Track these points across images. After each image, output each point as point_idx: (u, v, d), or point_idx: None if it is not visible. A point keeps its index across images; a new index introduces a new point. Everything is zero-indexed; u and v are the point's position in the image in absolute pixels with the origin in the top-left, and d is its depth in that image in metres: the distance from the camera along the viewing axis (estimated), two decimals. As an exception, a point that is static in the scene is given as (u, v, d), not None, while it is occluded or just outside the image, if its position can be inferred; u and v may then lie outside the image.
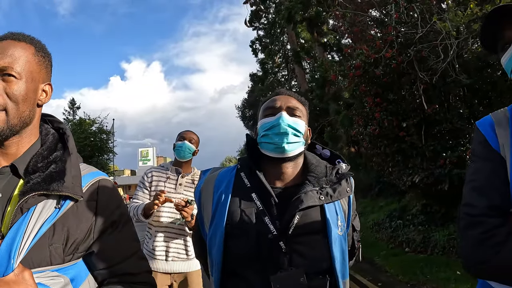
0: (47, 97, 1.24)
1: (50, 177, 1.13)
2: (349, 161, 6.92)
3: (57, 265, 1.10)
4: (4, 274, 0.99)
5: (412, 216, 9.34)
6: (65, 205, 1.14)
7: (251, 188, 1.54)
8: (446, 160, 7.59)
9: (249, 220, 1.48)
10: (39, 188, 1.10)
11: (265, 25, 25.69)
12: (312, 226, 1.49)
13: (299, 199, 1.47)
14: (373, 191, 14.22)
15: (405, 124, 8.13)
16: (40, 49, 1.22)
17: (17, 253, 1.02)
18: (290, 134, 1.53)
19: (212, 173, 1.70)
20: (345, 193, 1.57)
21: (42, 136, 1.26)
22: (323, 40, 18.96)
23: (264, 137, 1.58)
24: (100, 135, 32.02)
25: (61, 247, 1.12)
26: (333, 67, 13.01)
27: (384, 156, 8.91)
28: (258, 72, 26.30)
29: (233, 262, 1.50)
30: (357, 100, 9.59)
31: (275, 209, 1.49)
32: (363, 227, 11.05)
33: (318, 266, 1.46)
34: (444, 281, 5.89)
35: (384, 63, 8.14)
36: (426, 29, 7.26)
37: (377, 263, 7.86)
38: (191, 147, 3.30)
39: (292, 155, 1.56)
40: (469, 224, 1.18)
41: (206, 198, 1.62)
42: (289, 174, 1.59)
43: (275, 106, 1.61)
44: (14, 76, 1.11)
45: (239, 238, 1.48)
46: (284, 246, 1.43)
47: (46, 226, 1.08)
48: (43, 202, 1.10)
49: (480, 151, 1.25)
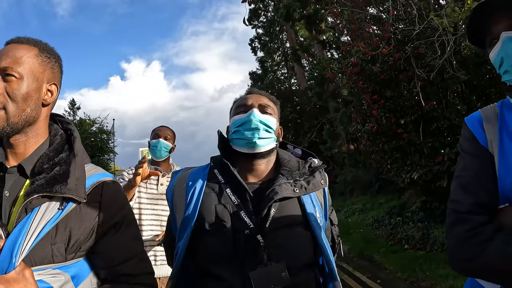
0: (52, 96, 1.27)
1: (54, 179, 1.16)
2: (348, 159, 6.98)
3: (59, 263, 1.13)
4: (6, 271, 1.01)
5: (412, 213, 9.33)
6: (68, 207, 1.16)
7: (225, 184, 1.54)
8: (444, 157, 7.57)
9: (225, 216, 1.46)
10: (43, 190, 1.13)
11: (264, 23, 25.73)
12: (291, 219, 1.49)
13: (274, 191, 1.47)
14: (372, 188, 14.19)
15: (403, 121, 8.12)
16: (44, 51, 1.26)
17: (19, 251, 1.05)
18: (261, 129, 1.55)
19: (184, 172, 1.69)
20: (320, 185, 1.58)
21: (51, 137, 1.30)
22: (322, 38, 18.98)
23: (235, 133, 1.59)
24: (101, 135, 31.97)
25: (63, 246, 1.14)
26: (331, 64, 12.98)
27: (383, 153, 8.91)
28: (258, 70, 26.35)
29: (207, 263, 1.47)
30: (355, 97, 9.58)
31: (250, 204, 1.48)
32: (362, 224, 11.06)
33: (301, 259, 1.46)
34: (442, 278, 5.87)
35: (381, 60, 8.11)
36: (423, 25, 7.23)
37: (376, 260, 7.84)
38: (167, 145, 3.13)
39: (263, 151, 1.57)
40: (455, 221, 1.17)
41: (179, 197, 1.59)
42: (262, 170, 1.60)
43: (247, 104, 1.62)
44: (14, 76, 1.15)
45: (214, 236, 1.45)
46: (262, 240, 1.41)
47: (49, 226, 1.11)
48: (46, 203, 1.13)
49: (468, 147, 1.24)
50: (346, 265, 7.79)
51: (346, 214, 13.27)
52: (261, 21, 25.84)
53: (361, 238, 9.77)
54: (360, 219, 11.98)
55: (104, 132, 32.41)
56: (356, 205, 13.65)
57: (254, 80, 25.73)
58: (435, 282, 5.88)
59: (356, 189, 15.52)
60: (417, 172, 7.90)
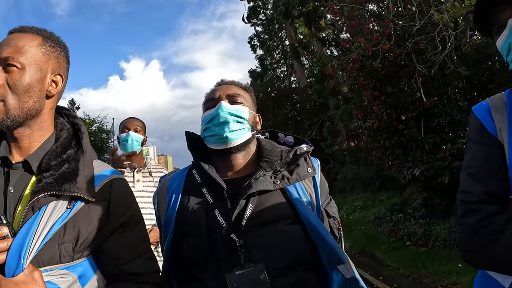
0: (57, 87, 1.22)
1: (62, 177, 1.12)
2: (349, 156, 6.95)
3: (66, 263, 1.11)
4: (14, 273, 0.99)
5: (413, 209, 9.30)
6: (77, 206, 1.13)
7: (201, 183, 1.46)
8: (445, 153, 7.57)
9: (199, 216, 1.39)
10: (51, 188, 1.09)
11: (263, 21, 25.73)
12: (274, 214, 1.38)
13: (249, 185, 1.38)
14: (373, 185, 14.15)
15: (404, 117, 8.09)
16: (48, 39, 1.21)
17: (28, 252, 1.01)
18: (231, 122, 1.45)
19: (168, 176, 1.63)
20: (306, 174, 1.46)
21: (57, 131, 1.25)
22: (321, 35, 18.96)
23: (206, 130, 1.51)
24: (100, 134, 32.04)
25: (71, 246, 1.12)
26: (332, 61, 12.96)
27: (384, 150, 8.89)
28: (257, 68, 26.33)
29: (188, 265, 1.41)
30: (355, 94, 9.56)
31: (228, 202, 1.39)
32: (364, 221, 11.04)
33: (286, 259, 1.34)
34: (445, 274, 5.85)
35: (382, 56, 8.10)
36: (424, 21, 7.21)
37: (378, 257, 7.83)
38: (138, 137, 2.93)
39: (238, 144, 1.48)
40: (465, 211, 1.14)
41: (162, 202, 1.55)
42: (240, 164, 1.52)
43: (214, 97, 1.53)
44: (15, 66, 1.10)
45: (192, 238, 1.39)
46: (238, 240, 1.32)
47: (57, 226, 1.08)
48: (54, 201, 1.09)
49: (476, 136, 1.20)
50: (348, 262, 7.75)
51: (347, 211, 13.24)
52: (260, 19, 25.82)
53: (363, 235, 9.74)
54: (361, 216, 11.95)
55: (104, 132, 32.47)
56: (357, 202, 13.61)
57: (253, 78, 25.68)
58: (437, 279, 5.86)
59: (356, 186, 15.48)
60: (418, 168, 7.88)
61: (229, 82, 1.63)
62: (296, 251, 1.36)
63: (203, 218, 1.38)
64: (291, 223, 1.38)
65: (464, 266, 5.94)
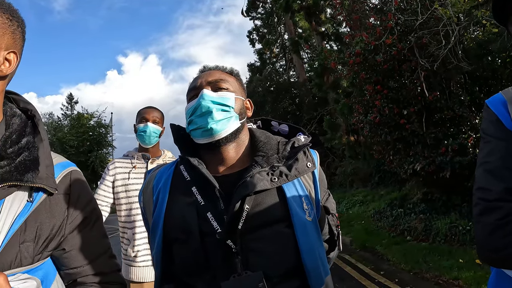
0: (10, 66, 1.04)
1: (23, 165, 0.99)
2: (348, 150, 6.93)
3: (27, 266, 0.99)
4: None
5: (413, 204, 9.30)
6: (38, 198, 1.02)
7: (191, 182, 1.30)
8: (447, 148, 7.56)
9: (190, 220, 1.23)
10: (12, 178, 0.96)
11: (262, 14, 25.62)
12: (270, 215, 1.23)
13: (244, 184, 1.22)
14: (373, 180, 14.18)
15: (406, 112, 8.06)
16: (6, 11, 1.03)
17: None
18: (214, 111, 1.29)
19: (153, 172, 1.46)
20: (305, 169, 1.32)
21: (7, 117, 1.08)
22: (321, 29, 18.88)
23: (190, 124, 1.35)
24: (99, 129, 32.03)
25: (32, 245, 1.00)
26: (332, 55, 12.91)
27: (385, 144, 8.87)
28: (256, 62, 26.25)
29: (179, 271, 1.28)
30: (356, 88, 9.51)
31: (221, 203, 1.23)
32: (364, 216, 11.05)
33: (284, 265, 1.22)
34: (447, 269, 5.85)
35: (384, 50, 8.06)
36: (427, 15, 7.17)
37: (379, 252, 7.82)
38: (156, 129, 2.83)
39: (226, 135, 1.31)
40: (484, 209, 1.10)
41: (147, 201, 1.39)
42: (232, 158, 1.35)
43: (196, 85, 1.38)
44: None
45: (183, 243, 1.24)
46: (234, 246, 1.18)
47: (19, 222, 0.96)
48: (13, 194, 0.97)
49: (493, 130, 1.16)
50: (348, 256, 7.77)
51: (347, 206, 13.27)
52: (259, 13, 25.74)
53: (363, 229, 9.73)
54: (361, 211, 11.97)
55: (102, 126, 32.47)
56: (357, 197, 13.63)
57: (252, 72, 25.60)
58: (439, 274, 5.86)
59: (356, 181, 15.51)
60: (420, 163, 7.87)
61: (213, 67, 1.48)
62: (296, 256, 1.23)
63: (194, 222, 1.22)
64: (286, 226, 1.24)
65: (465, 261, 5.95)
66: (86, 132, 30.58)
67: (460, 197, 7.90)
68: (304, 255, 1.21)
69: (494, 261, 1.10)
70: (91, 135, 31.11)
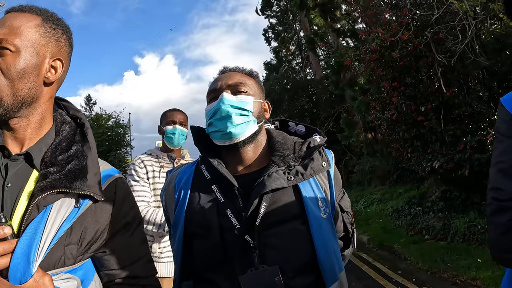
0: (56, 73, 1.10)
1: (72, 173, 1.05)
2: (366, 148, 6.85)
3: (69, 266, 1.04)
4: (21, 280, 0.89)
5: (432, 202, 9.19)
6: (84, 205, 1.06)
7: (211, 180, 1.37)
8: (466, 145, 7.44)
9: (210, 216, 1.30)
10: (61, 186, 1.01)
11: (277, 12, 25.60)
12: (286, 212, 1.30)
13: (262, 183, 1.29)
14: (391, 178, 14.03)
15: (424, 109, 7.95)
16: (48, 20, 1.09)
17: (36, 256, 0.92)
18: (234, 115, 1.35)
19: (174, 171, 1.54)
20: (321, 168, 1.38)
21: (57, 123, 1.15)
22: (337, 26, 18.78)
23: (210, 126, 1.41)
24: (117, 129, 32.43)
25: (76, 247, 1.05)
26: (348, 52, 12.81)
27: (403, 142, 8.77)
28: (272, 60, 26.26)
29: (198, 265, 1.35)
30: (373, 85, 9.43)
31: (240, 200, 1.31)
32: (382, 214, 10.96)
33: (299, 261, 1.27)
34: (464, 269, 5.77)
35: (401, 46, 7.97)
36: (443, 10, 7.05)
37: (396, 251, 7.74)
38: (184, 131, 2.94)
39: (244, 138, 1.38)
40: (497, 209, 1.07)
41: (169, 199, 1.47)
42: (250, 158, 1.42)
43: (216, 88, 1.43)
44: (9, 49, 1.00)
45: (203, 238, 1.32)
46: (252, 241, 1.25)
47: (65, 226, 1.01)
48: (61, 200, 1.02)
49: (507, 129, 1.13)
50: (366, 255, 7.72)
51: (365, 204, 13.16)
52: (274, 11, 25.70)
53: (381, 228, 9.65)
54: (379, 209, 11.85)
55: (121, 126, 32.85)
56: (375, 195, 13.51)
57: (269, 70, 25.59)
58: (456, 273, 5.78)
59: (374, 179, 15.37)
60: (438, 160, 7.74)
61: (232, 69, 1.52)
62: (311, 252, 1.28)
63: (214, 218, 1.30)
64: (301, 223, 1.30)
65: (483, 261, 5.84)
66: (105, 132, 30.97)
67: (479, 195, 7.75)
68: (319, 251, 1.27)
69: (506, 261, 1.09)
70: (109, 135, 31.49)
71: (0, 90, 0.99)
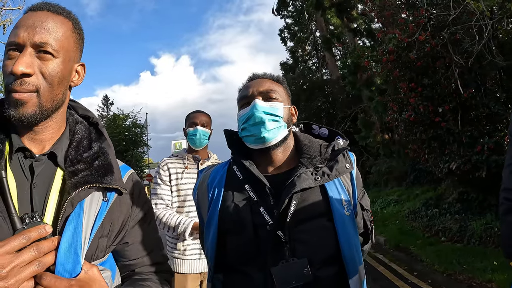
0: (79, 78, 1.14)
1: (102, 169, 1.09)
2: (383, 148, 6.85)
3: (101, 259, 1.10)
4: (72, 273, 0.93)
5: (449, 204, 9.10)
6: (111, 198, 1.12)
7: (244, 180, 1.48)
8: (483, 146, 7.34)
9: (244, 214, 1.42)
10: (94, 181, 1.05)
11: (293, 12, 25.51)
12: (314, 210, 1.41)
13: (292, 183, 1.39)
14: (408, 179, 13.90)
15: (441, 110, 7.89)
16: (77, 26, 1.12)
17: (82, 248, 0.97)
18: (267, 121, 1.45)
19: (207, 171, 1.65)
20: (345, 169, 1.48)
21: (70, 123, 1.18)
22: (353, 26, 18.65)
23: (243, 130, 1.52)
24: (134, 129, 32.69)
25: (106, 239, 1.10)
26: (366, 52, 12.74)
27: (420, 143, 8.70)
28: (288, 60, 26.16)
29: (231, 258, 1.45)
30: (390, 85, 9.38)
31: (271, 199, 1.42)
32: (398, 216, 10.89)
33: (325, 254, 1.38)
34: (480, 272, 5.74)
35: (418, 47, 7.91)
36: (459, 10, 6.98)
37: (412, 252, 7.71)
38: (205, 132, 3.01)
39: (276, 142, 1.49)
40: (509, 209, 1.12)
41: (202, 197, 1.58)
42: (279, 160, 1.53)
43: (248, 94, 1.53)
44: (51, 54, 1.00)
45: (237, 234, 1.42)
46: (283, 236, 1.35)
47: (99, 220, 1.06)
48: (90, 195, 1.05)
49: None
50: (382, 256, 7.71)
51: (382, 205, 13.07)
52: (290, 11, 25.63)
53: (397, 229, 9.60)
54: (396, 210, 11.78)
55: (138, 126, 33.11)
56: (391, 196, 13.41)
57: (285, 70, 25.49)
58: (472, 276, 5.76)
59: (390, 180, 15.24)
60: (455, 162, 7.68)
61: (261, 76, 1.61)
62: (336, 246, 1.38)
63: (248, 216, 1.41)
64: (327, 220, 1.40)
65: (499, 263, 5.79)
66: (122, 132, 31.26)
67: (496, 197, 7.61)
68: (343, 245, 1.37)
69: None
70: (126, 135, 31.78)
71: (42, 95, 0.99)
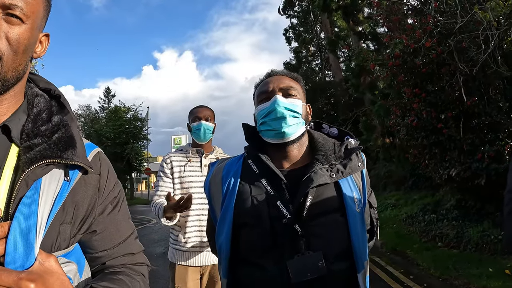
0: (42, 49, 1.00)
1: (61, 142, 0.94)
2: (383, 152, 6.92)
3: (64, 250, 0.94)
4: (24, 265, 0.77)
5: (446, 210, 9.16)
6: (74, 177, 0.96)
7: (260, 174, 1.50)
8: (484, 154, 7.40)
9: (261, 207, 1.43)
10: (52, 155, 0.89)
11: (299, 13, 25.50)
12: (328, 206, 1.44)
13: (309, 178, 1.42)
14: (406, 184, 13.95)
15: (444, 116, 7.94)
16: None
17: (36, 236, 0.81)
18: (287, 117, 1.48)
19: (220, 164, 1.67)
20: (357, 167, 1.52)
21: (29, 96, 1.02)
22: (359, 29, 18.68)
23: (262, 124, 1.54)
24: (135, 122, 32.67)
25: (69, 227, 0.95)
26: (370, 55, 12.77)
27: (421, 148, 8.75)
28: (292, 60, 26.17)
29: (246, 251, 1.47)
30: (394, 90, 9.42)
31: (287, 193, 1.44)
32: (396, 220, 10.94)
33: (338, 248, 1.41)
34: (476, 278, 5.79)
35: (424, 53, 7.96)
36: (467, 19, 7.03)
37: (409, 256, 7.76)
38: (209, 126, 3.01)
39: (294, 138, 1.52)
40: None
41: (215, 189, 1.59)
42: (295, 155, 1.56)
43: (268, 90, 1.55)
44: (20, 18, 0.86)
45: (252, 226, 1.44)
46: (300, 229, 1.38)
47: (59, 202, 0.90)
48: (49, 173, 0.90)
49: None
50: (379, 259, 7.75)
51: (379, 209, 13.08)
52: (296, 11, 25.64)
53: (394, 233, 9.66)
54: (393, 214, 11.83)
55: (138, 120, 33.08)
56: (389, 200, 13.46)
57: (288, 70, 25.51)
58: (468, 281, 5.81)
59: (389, 184, 15.29)
60: (455, 168, 7.74)
61: (279, 73, 1.64)
62: (348, 240, 1.42)
63: (265, 209, 1.43)
64: (340, 215, 1.44)
65: (494, 270, 5.87)
66: (123, 125, 31.22)
67: (494, 205, 7.71)
68: (354, 240, 1.42)
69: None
70: (127, 128, 31.73)
71: (5, 62, 0.85)
